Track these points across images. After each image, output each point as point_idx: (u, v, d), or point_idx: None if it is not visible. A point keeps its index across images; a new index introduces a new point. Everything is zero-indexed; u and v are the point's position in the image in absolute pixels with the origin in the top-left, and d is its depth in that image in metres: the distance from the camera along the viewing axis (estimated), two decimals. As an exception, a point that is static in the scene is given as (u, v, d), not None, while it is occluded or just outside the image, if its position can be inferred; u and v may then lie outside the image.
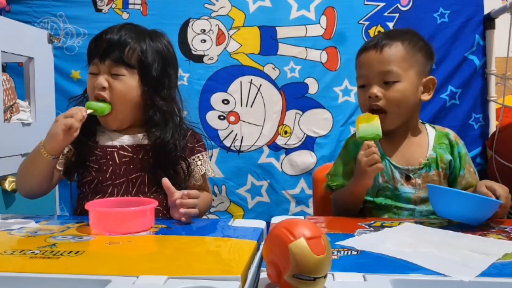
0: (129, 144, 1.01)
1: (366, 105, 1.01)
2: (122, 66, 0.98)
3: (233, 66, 1.76)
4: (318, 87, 1.76)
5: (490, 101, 1.79)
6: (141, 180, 0.99)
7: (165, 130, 1.00)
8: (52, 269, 0.56)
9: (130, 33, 1.01)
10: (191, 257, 0.64)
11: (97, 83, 0.98)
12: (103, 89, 0.98)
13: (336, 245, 0.68)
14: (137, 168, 0.99)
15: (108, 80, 0.98)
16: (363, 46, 1.06)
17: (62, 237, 0.72)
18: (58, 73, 1.74)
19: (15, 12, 1.74)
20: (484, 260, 0.61)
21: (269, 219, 0.85)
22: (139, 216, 0.78)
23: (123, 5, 1.77)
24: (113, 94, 0.98)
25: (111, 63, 0.98)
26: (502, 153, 1.62)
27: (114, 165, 0.98)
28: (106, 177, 0.98)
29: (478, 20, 1.77)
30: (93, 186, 0.99)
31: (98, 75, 0.99)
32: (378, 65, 0.99)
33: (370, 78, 1.00)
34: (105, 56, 0.98)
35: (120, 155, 0.99)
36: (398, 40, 1.00)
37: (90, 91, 1.01)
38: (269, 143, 1.77)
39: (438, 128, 1.09)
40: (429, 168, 1.01)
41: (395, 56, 0.99)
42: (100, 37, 1.01)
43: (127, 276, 0.53)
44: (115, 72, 0.99)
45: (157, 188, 0.99)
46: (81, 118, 0.91)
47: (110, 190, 0.98)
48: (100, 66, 0.99)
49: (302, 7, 1.77)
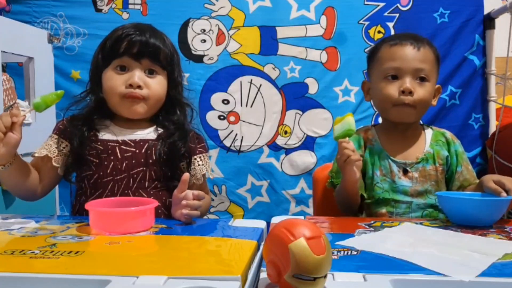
0: (131, 139, 1.00)
1: (395, 98, 1.01)
2: (158, 65, 1.01)
3: (233, 66, 1.77)
4: (318, 87, 1.76)
5: (490, 101, 1.79)
6: (142, 175, 0.98)
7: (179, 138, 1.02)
8: (52, 269, 0.56)
9: (157, 33, 1.03)
10: (191, 257, 0.63)
11: (133, 81, 0.97)
12: (138, 87, 0.98)
13: (336, 245, 0.68)
14: (139, 163, 0.98)
15: (143, 79, 0.99)
16: (392, 40, 1.05)
17: (62, 237, 0.72)
18: (58, 73, 1.75)
19: (15, 12, 1.74)
20: (484, 260, 0.61)
21: (269, 219, 0.85)
22: (139, 216, 0.78)
23: (123, 5, 1.77)
24: (150, 91, 0.99)
25: (149, 62, 0.99)
26: (502, 153, 1.63)
27: (116, 160, 0.98)
28: (106, 173, 0.97)
29: (478, 20, 1.78)
30: (93, 181, 0.97)
31: (128, 72, 0.99)
32: (415, 61, 1.01)
33: (404, 72, 1.01)
34: (143, 53, 0.98)
35: (122, 150, 0.99)
36: (428, 43, 1.05)
37: (117, 88, 0.98)
38: (269, 143, 1.77)
39: (435, 128, 1.12)
40: (426, 163, 1.04)
41: (430, 57, 1.03)
42: (130, 33, 0.99)
43: (127, 276, 0.53)
44: (152, 69, 1.00)
45: (158, 183, 0.99)
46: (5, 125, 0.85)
47: (111, 185, 0.97)
48: (133, 62, 0.99)
49: (302, 7, 1.77)
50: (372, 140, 1.08)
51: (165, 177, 1.00)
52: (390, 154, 1.05)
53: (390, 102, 1.02)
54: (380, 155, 1.05)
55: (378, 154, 1.05)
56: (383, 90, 1.03)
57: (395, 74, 1.02)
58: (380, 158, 1.05)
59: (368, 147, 1.07)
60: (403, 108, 1.01)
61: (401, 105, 1.00)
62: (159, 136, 1.02)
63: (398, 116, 1.03)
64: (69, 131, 1.00)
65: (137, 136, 1.01)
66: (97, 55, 1.03)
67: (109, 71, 1.00)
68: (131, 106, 0.99)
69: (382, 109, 1.07)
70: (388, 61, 1.03)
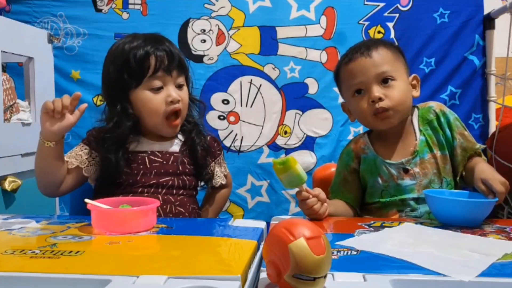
0: (159, 151, 1.05)
1: (369, 110, 1.00)
2: (183, 76, 1.04)
3: (233, 66, 1.76)
4: (318, 87, 1.76)
5: (490, 101, 1.79)
6: (171, 184, 1.03)
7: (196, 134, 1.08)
8: (52, 269, 0.56)
9: (169, 41, 1.06)
10: (191, 257, 0.64)
11: (174, 97, 1.00)
12: (178, 102, 1.02)
13: (336, 245, 0.68)
14: (167, 173, 1.03)
15: (177, 92, 1.02)
16: (345, 58, 1.05)
17: (62, 237, 0.72)
18: (58, 73, 1.74)
19: (15, 12, 1.74)
20: (484, 260, 0.61)
21: (269, 219, 0.85)
22: (141, 216, 0.78)
23: (123, 5, 1.77)
24: (183, 104, 1.03)
25: (177, 73, 1.02)
26: (502, 153, 1.62)
27: (145, 168, 1.02)
28: (136, 180, 1.01)
29: (478, 20, 1.77)
30: (122, 188, 1.01)
31: (163, 88, 1.01)
32: (373, 68, 1.00)
33: (367, 83, 1.00)
34: (172, 68, 1.01)
35: (151, 160, 1.03)
36: (380, 44, 1.04)
37: (160, 109, 1.01)
38: (269, 143, 1.77)
39: (421, 105, 1.09)
40: (423, 154, 1.02)
41: (384, 57, 1.01)
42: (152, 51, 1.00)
43: (127, 276, 0.53)
44: (181, 82, 1.04)
45: (184, 191, 1.05)
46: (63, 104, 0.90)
47: (140, 190, 1.01)
48: (166, 79, 1.01)
49: (302, 7, 1.77)
50: (364, 148, 1.07)
51: (191, 185, 1.06)
52: (385, 158, 1.03)
53: (367, 115, 1.01)
54: (375, 162, 1.04)
55: (373, 162, 1.04)
56: (357, 107, 1.03)
57: (359, 89, 1.02)
58: (377, 165, 1.04)
59: (362, 158, 1.07)
60: (382, 115, 0.99)
61: (379, 114, 0.99)
62: (182, 146, 1.07)
63: (382, 124, 1.02)
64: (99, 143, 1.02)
65: (164, 148, 1.06)
66: (116, 74, 1.01)
67: (144, 91, 1.01)
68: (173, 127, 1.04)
69: (365, 123, 1.06)
70: (348, 80, 1.04)
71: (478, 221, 0.84)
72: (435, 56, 1.77)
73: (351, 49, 1.06)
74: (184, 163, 1.06)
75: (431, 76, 1.77)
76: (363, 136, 1.10)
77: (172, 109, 1.01)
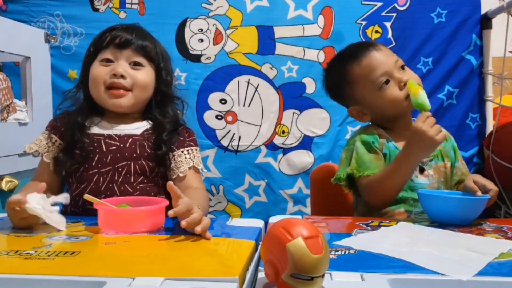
0: (117, 133, 1.00)
1: (404, 94, 1.00)
2: (142, 56, 1.00)
3: (230, 65, 1.76)
4: (316, 87, 1.76)
5: (487, 100, 1.79)
6: (127, 169, 0.98)
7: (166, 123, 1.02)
8: (47, 271, 0.56)
9: (143, 29, 1.05)
10: (188, 258, 0.63)
11: (117, 70, 0.97)
12: (121, 77, 0.98)
13: (334, 245, 0.68)
14: (123, 157, 0.98)
15: (127, 69, 0.99)
16: (356, 55, 1.04)
17: (58, 237, 0.72)
18: (55, 72, 1.74)
19: (12, 11, 1.74)
20: (481, 259, 0.61)
21: (266, 218, 0.85)
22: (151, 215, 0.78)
23: (120, 4, 1.76)
24: (134, 82, 0.99)
25: (132, 51, 0.99)
26: (499, 152, 1.63)
27: (101, 153, 0.97)
28: (92, 165, 0.97)
29: (475, 20, 1.78)
30: (79, 174, 0.97)
31: (113, 62, 0.99)
32: (390, 57, 1.04)
33: (391, 71, 1.02)
34: (126, 44, 0.99)
35: (107, 143, 0.99)
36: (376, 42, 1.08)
37: (101, 79, 0.98)
38: (266, 143, 1.77)
39: None
40: (438, 160, 1.04)
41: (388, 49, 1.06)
42: (116, 28, 1.01)
43: (123, 278, 0.53)
44: (137, 60, 1.00)
45: (144, 178, 0.99)
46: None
47: (95, 178, 0.96)
48: (118, 54, 0.99)
49: (299, 7, 1.77)
50: (384, 136, 1.05)
51: (152, 171, 1.00)
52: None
53: (402, 100, 1.00)
54: (396, 154, 1.00)
55: (394, 153, 1.02)
56: (390, 97, 1.01)
57: (386, 78, 1.01)
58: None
59: (384, 143, 1.03)
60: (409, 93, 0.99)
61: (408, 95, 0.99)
62: (146, 130, 1.02)
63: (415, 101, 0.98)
64: (60, 126, 1.00)
65: (123, 131, 1.01)
66: (86, 53, 1.05)
67: (95, 63, 1.00)
68: (115, 98, 0.98)
69: (399, 109, 1.03)
70: (368, 75, 1.01)
71: (470, 219, 0.85)
72: (433, 56, 1.77)
73: (352, 50, 1.06)
74: (144, 146, 0.99)
75: (428, 75, 1.77)
76: (377, 128, 1.06)
77: (112, 82, 0.97)
